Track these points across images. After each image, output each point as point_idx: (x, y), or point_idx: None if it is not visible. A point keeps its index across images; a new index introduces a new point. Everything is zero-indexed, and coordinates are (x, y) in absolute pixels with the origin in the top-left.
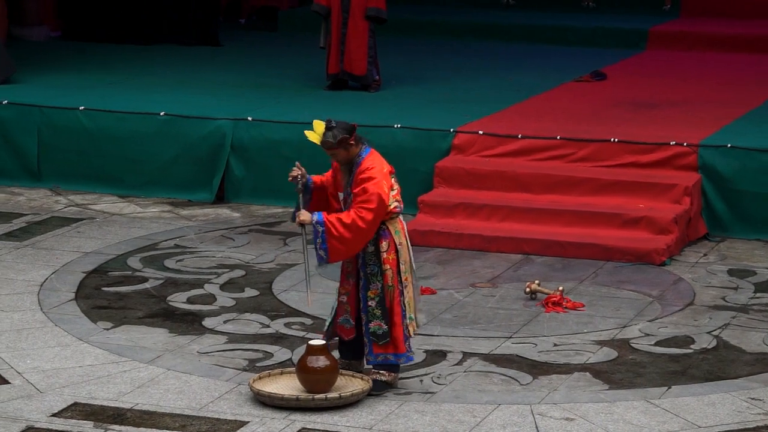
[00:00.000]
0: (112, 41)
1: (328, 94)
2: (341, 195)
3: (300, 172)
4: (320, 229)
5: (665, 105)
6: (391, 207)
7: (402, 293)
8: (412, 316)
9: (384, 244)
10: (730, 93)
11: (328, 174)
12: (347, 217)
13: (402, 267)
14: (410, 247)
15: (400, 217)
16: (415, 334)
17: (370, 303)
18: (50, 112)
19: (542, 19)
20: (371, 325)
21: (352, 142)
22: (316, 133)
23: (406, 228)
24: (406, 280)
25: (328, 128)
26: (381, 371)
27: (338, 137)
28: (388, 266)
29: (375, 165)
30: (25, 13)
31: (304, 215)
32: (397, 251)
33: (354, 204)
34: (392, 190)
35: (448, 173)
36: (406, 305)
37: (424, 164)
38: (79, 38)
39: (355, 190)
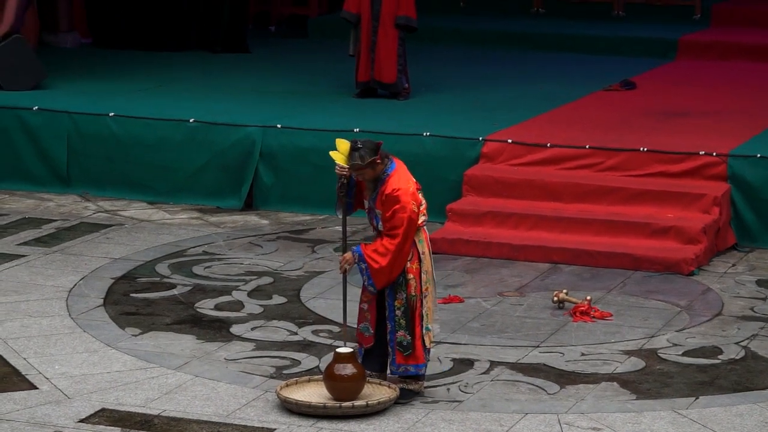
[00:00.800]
0: (142, 48)
1: (358, 102)
2: (366, 203)
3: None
4: (363, 266)
5: (695, 114)
6: (419, 222)
7: (422, 303)
8: (429, 326)
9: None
10: (760, 103)
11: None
12: (381, 246)
13: (423, 276)
14: (432, 256)
15: (424, 227)
16: (431, 345)
17: (396, 312)
18: (80, 118)
19: (572, 28)
20: (397, 335)
21: (378, 161)
22: (339, 152)
23: (428, 237)
24: (426, 290)
25: (354, 149)
26: (407, 380)
27: (366, 158)
28: (411, 275)
29: (401, 186)
30: (56, 20)
31: (348, 256)
32: (420, 260)
33: (385, 229)
34: (420, 205)
35: (477, 182)
36: (425, 315)
37: (453, 172)
38: (110, 45)
39: (387, 214)
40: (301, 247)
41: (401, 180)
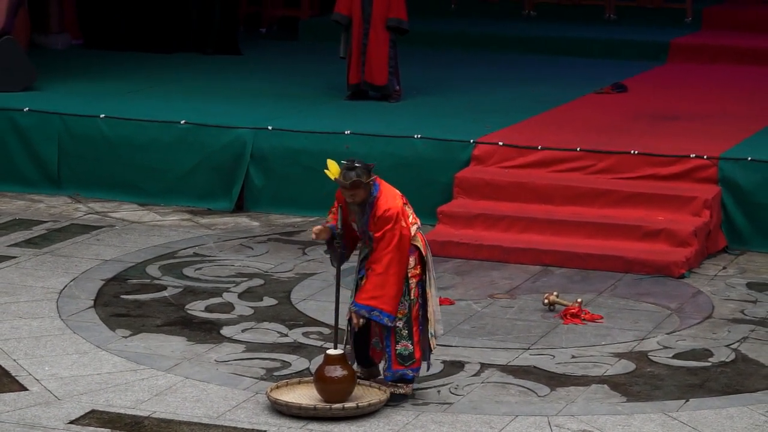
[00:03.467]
0: (133, 50)
1: (349, 104)
2: (355, 225)
3: (322, 233)
4: (375, 313)
5: (686, 117)
6: (412, 233)
7: (422, 306)
8: (433, 331)
9: (411, 260)
10: (750, 106)
11: (336, 207)
12: (371, 284)
13: (427, 282)
14: (432, 259)
15: (420, 231)
16: (435, 348)
17: (397, 324)
18: (71, 119)
19: (563, 31)
20: (398, 346)
21: (371, 182)
22: (332, 172)
23: (425, 241)
24: (428, 294)
25: (350, 168)
26: (398, 384)
27: (362, 177)
28: (413, 280)
29: (390, 205)
30: (47, 21)
31: (357, 315)
32: (423, 263)
33: (377, 249)
34: (409, 218)
35: (468, 184)
36: (429, 319)
37: (444, 175)
38: (101, 46)
39: (377, 235)
40: (292, 249)
41: (389, 199)
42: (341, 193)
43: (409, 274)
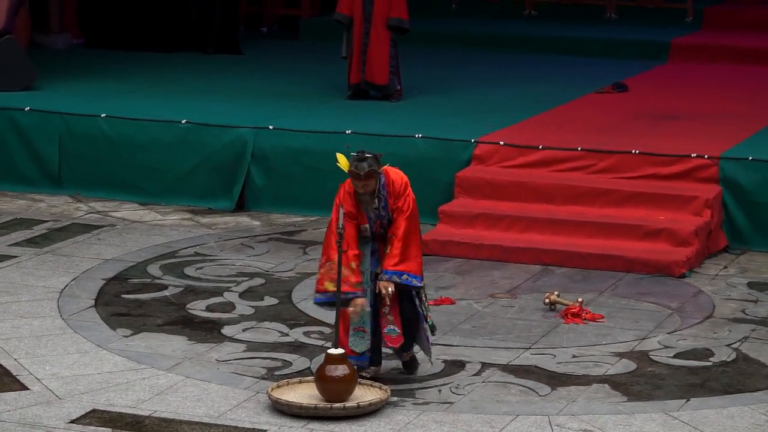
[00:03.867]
0: (134, 49)
1: (350, 104)
2: (370, 215)
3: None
4: (403, 277)
5: (686, 117)
6: None
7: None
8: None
9: None
10: (751, 105)
11: (336, 208)
12: (400, 244)
13: None
14: None
15: None
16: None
17: (423, 301)
18: (72, 119)
19: (564, 31)
20: (426, 322)
21: (380, 171)
22: (343, 165)
23: None
24: None
25: (362, 159)
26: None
27: (374, 167)
28: None
29: (401, 176)
30: (48, 20)
31: (389, 282)
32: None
33: (397, 214)
34: None
35: (469, 183)
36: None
37: (445, 174)
38: (101, 46)
39: (399, 203)
40: (293, 249)
41: (396, 172)
42: (352, 185)
43: None
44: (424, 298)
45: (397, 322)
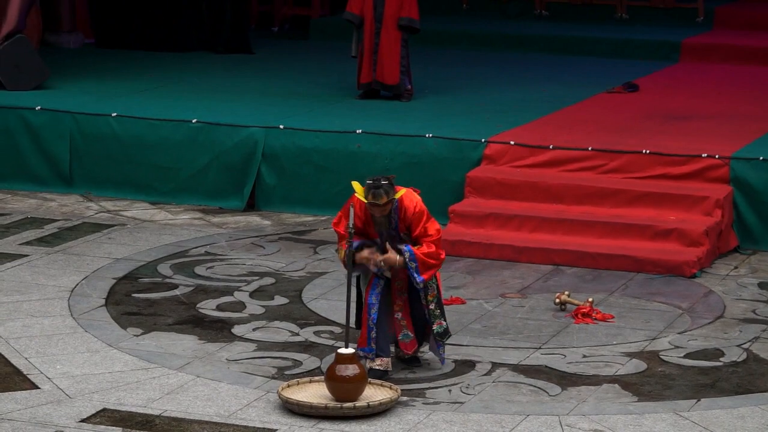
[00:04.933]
0: (145, 48)
1: (360, 103)
2: (381, 233)
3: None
4: (413, 265)
5: (697, 117)
6: None
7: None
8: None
9: None
10: (762, 105)
11: (347, 208)
12: (429, 249)
13: None
14: None
15: None
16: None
17: (430, 306)
18: (83, 118)
19: (575, 31)
20: (434, 326)
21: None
22: (360, 194)
23: None
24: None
25: (377, 186)
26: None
27: (390, 193)
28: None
29: (415, 201)
30: (59, 20)
31: (393, 257)
32: None
33: (427, 240)
34: None
35: (479, 183)
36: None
37: (456, 174)
38: (113, 45)
39: (419, 230)
40: (303, 248)
41: (411, 196)
42: (369, 210)
43: None
44: (433, 305)
45: (409, 326)
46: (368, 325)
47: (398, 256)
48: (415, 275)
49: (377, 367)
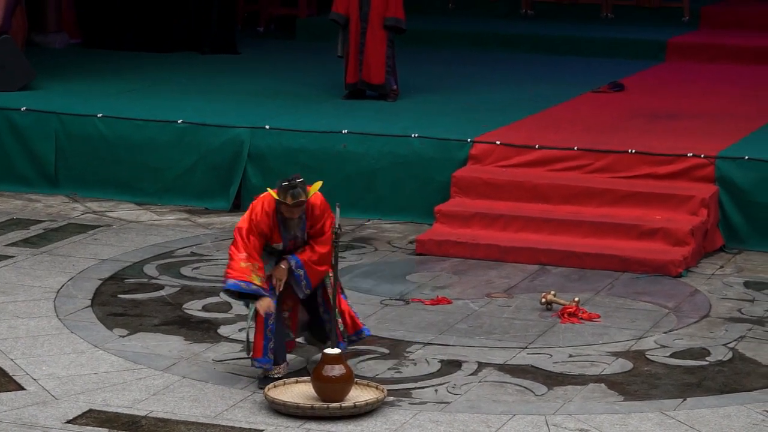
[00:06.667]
0: (131, 49)
1: (346, 103)
2: (285, 235)
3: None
4: (301, 272)
5: (683, 116)
6: None
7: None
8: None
9: None
10: (748, 105)
11: (254, 245)
12: (316, 254)
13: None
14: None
15: None
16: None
17: (328, 301)
18: (68, 119)
19: (561, 30)
20: (339, 321)
21: None
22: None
23: None
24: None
25: (293, 186)
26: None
27: (305, 191)
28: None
29: (319, 196)
30: (45, 20)
31: (282, 269)
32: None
33: (317, 236)
34: None
35: (465, 183)
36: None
37: (441, 174)
38: (99, 46)
39: (318, 226)
40: None
41: (316, 195)
42: (282, 211)
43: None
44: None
45: (293, 326)
46: (265, 335)
47: (284, 265)
48: (302, 284)
49: (276, 375)
